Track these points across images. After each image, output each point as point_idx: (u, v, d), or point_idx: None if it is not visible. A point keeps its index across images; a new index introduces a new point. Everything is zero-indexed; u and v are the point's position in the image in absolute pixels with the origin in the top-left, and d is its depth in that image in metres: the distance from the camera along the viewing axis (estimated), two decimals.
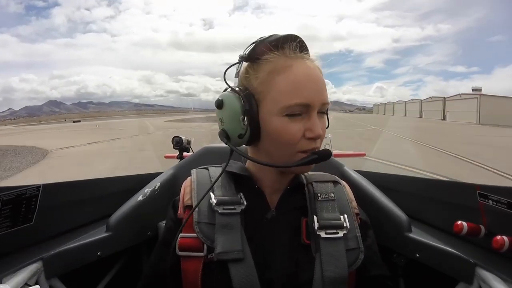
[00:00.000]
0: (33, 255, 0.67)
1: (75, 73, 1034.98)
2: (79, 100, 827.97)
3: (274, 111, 0.55)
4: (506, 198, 0.58)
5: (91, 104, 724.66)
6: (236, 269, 0.54)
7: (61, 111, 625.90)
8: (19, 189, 0.65)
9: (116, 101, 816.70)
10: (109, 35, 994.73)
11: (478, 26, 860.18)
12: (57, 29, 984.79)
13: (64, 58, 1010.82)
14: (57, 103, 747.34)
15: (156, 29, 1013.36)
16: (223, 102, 0.58)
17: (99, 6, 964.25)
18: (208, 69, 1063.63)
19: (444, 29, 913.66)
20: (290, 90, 0.54)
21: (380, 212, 0.84)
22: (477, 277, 0.62)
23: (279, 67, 0.56)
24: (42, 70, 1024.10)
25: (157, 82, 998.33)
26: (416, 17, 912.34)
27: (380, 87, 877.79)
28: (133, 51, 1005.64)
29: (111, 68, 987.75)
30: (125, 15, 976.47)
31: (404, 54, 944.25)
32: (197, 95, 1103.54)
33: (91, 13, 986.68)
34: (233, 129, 0.58)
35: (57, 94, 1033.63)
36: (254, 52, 0.58)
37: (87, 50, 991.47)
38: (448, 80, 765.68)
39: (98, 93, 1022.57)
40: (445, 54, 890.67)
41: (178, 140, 1.73)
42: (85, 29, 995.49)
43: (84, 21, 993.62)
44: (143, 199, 0.91)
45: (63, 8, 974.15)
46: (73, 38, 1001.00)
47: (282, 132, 0.55)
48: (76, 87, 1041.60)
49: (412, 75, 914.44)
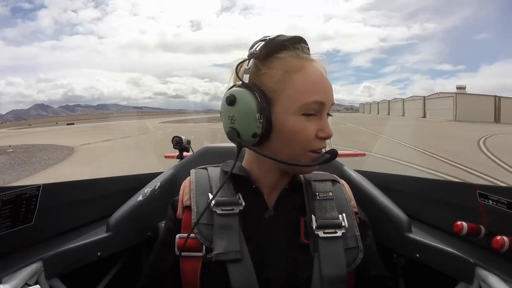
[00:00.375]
0: (33, 255, 0.67)
1: (62, 76, 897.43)
2: (66, 103, 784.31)
3: (291, 110, 0.56)
4: (506, 198, 0.58)
5: (78, 107, 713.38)
6: (235, 269, 0.54)
7: (49, 115, 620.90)
8: (19, 189, 0.65)
9: (104, 104, 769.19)
10: (96, 37, 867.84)
11: (464, 25, 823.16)
12: (43, 32, 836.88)
13: (50, 61, 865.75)
14: (44, 106, 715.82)
15: (143, 30, 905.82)
16: (236, 99, 0.55)
17: (86, 8, 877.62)
18: (196, 70, 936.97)
19: (431, 28, 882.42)
20: (307, 88, 0.56)
21: (380, 212, 0.84)
22: (477, 277, 0.62)
23: (294, 66, 0.57)
24: (28, 73, 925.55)
25: (145, 84, 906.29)
26: (402, 16, 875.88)
27: (367, 86, 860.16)
28: (121, 53, 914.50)
29: (99, 71, 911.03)
30: (112, 17, 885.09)
31: (391, 53, 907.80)
32: (185, 97, 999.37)
33: (78, 15, 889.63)
34: (246, 127, 0.56)
35: (44, 97, 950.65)
36: (265, 49, 0.57)
37: (74, 52, 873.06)
38: (435, 79, 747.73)
39: (86, 96, 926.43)
40: (432, 53, 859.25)
41: (178, 140, 1.73)
42: (71, 31, 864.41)
43: (71, 23, 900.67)
44: (143, 199, 0.91)
45: (50, 10, 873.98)
46: (59, 40, 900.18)
47: (298, 131, 0.56)
48: (63, 90, 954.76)
49: (400, 74, 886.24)
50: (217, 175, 0.66)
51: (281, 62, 0.57)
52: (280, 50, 0.57)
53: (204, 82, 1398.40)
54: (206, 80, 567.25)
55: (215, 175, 0.66)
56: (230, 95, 0.56)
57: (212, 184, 0.64)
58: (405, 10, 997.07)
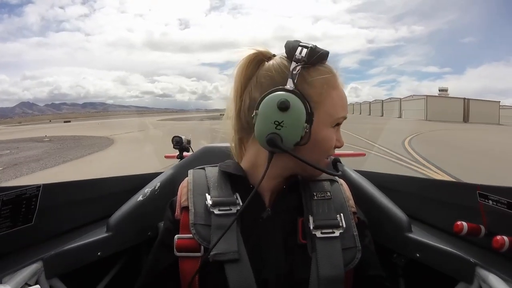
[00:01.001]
0: (33, 255, 0.67)
1: (48, 74, 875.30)
2: (52, 102, 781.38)
3: (326, 122, 0.59)
4: (506, 198, 0.58)
5: (64, 106, 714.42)
6: (232, 269, 0.54)
7: (34, 113, 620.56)
8: (19, 189, 0.65)
9: (91, 102, 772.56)
10: (82, 34, 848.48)
11: (451, 28, 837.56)
12: (29, 28, 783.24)
13: (36, 58, 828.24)
14: (30, 104, 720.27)
15: (131, 28, 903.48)
16: (290, 105, 0.53)
17: (73, 4, 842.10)
18: (183, 69, 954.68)
19: (418, 30, 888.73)
20: (340, 104, 0.60)
21: (380, 212, 0.84)
22: (477, 277, 0.62)
23: (333, 81, 0.60)
24: (14, 71, 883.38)
25: (132, 83, 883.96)
26: (390, 18, 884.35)
27: (355, 87, 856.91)
28: (108, 51, 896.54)
29: (85, 69, 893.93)
30: (100, 14, 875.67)
31: (378, 54, 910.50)
32: (173, 96, 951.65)
33: (65, 11, 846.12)
34: (292, 135, 0.55)
35: (30, 95, 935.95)
36: (314, 59, 0.58)
37: (60, 49, 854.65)
38: (421, 80, 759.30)
39: (72, 94, 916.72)
40: (418, 55, 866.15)
41: (178, 140, 1.72)
42: (58, 27, 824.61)
43: (58, 19, 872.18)
44: (143, 199, 0.91)
45: (37, 6, 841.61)
46: (46, 37, 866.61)
47: (329, 141, 0.60)
48: (49, 88, 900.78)
49: (386, 75, 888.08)
50: (214, 175, 0.66)
51: (323, 75, 0.59)
52: (321, 62, 0.60)
53: (192, 81, 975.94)
54: (194, 79, 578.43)
55: (212, 175, 0.66)
56: (285, 100, 0.53)
57: (209, 184, 0.64)
58: (392, 12, 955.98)
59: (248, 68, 0.62)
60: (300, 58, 0.56)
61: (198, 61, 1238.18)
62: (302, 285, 0.55)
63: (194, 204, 0.61)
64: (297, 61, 0.57)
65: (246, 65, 0.62)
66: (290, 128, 0.54)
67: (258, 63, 0.62)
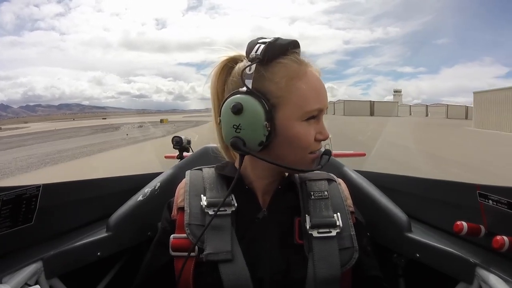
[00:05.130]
0: (33, 255, 0.67)
1: (22, 74, 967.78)
2: (27, 103, 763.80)
3: (295, 116, 0.56)
4: (506, 198, 0.58)
5: (39, 107, 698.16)
6: (226, 269, 0.55)
7: (8, 115, 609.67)
8: (19, 189, 0.65)
9: (66, 103, 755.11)
10: (57, 33, 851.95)
11: (425, 29, 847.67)
12: (3, 27, 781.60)
13: (10, 58, 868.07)
14: (4, 106, 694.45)
15: (107, 28, 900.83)
16: (243, 107, 0.53)
17: (49, 2, 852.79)
18: (160, 69, 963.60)
19: (393, 31, 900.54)
20: (311, 96, 0.57)
21: (380, 212, 0.84)
22: (477, 277, 0.62)
23: (297, 73, 0.57)
24: None
25: (108, 83, 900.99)
26: (366, 20, 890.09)
27: (331, 87, 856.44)
28: (83, 50, 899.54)
29: (60, 69, 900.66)
30: (75, 13, 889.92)
31: (354, 55, 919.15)
32: (149, 96, 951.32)
33: (40, 10, 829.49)
34: (253, 136, 0.54)
35: (3, 96, 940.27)
36: (269, 54, 0.55)
37: (34, 49, 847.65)
38: (397, 80, 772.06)
39: (47, 95, 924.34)
40: (394, 56, 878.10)
41: (178, 140, 1.72)
42: (33, 26, 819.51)
43: (33, 18, 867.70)
44: (143, 199, 0.91)
45: (12, 5, 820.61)
46: (20, 36, 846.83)
47: (303, 136, 0.57)
48: (23, 89, 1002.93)
49: (362, 75, 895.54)
50: (211, 176, 0.66)
51: (284, 68, 0.56)
52: (282, 55, 0.57)
53: (168, 81, 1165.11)
54: (170, 79, 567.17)
55: (209, 176, 0.66)
56: (237, 104, 0.53)
57: (206, 185, 0.64)
58: (369, 14, 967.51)
59: (221, 77, 0.62)
60: (254, 57, 0.55)
61: (175, 61, 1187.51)
62: (299, 285, 0.55)
63: (190, 205, 0.61)
64: (252, 60, 0.56)
65: (217, 74, 0.62)
66: (248, 130, 0.54)
67: (230, 70, 0.62)
